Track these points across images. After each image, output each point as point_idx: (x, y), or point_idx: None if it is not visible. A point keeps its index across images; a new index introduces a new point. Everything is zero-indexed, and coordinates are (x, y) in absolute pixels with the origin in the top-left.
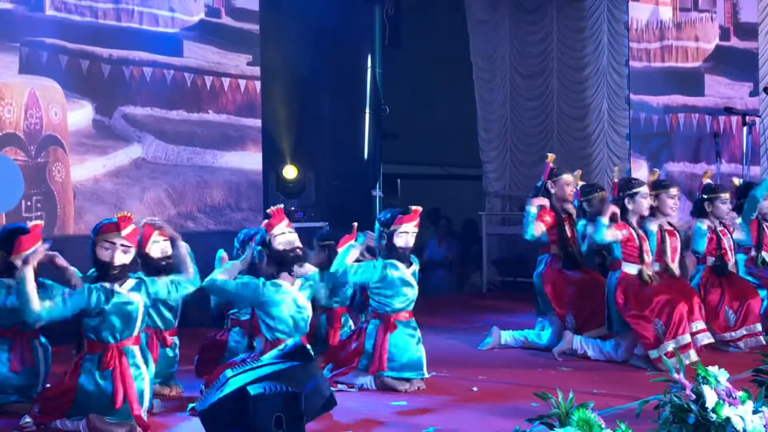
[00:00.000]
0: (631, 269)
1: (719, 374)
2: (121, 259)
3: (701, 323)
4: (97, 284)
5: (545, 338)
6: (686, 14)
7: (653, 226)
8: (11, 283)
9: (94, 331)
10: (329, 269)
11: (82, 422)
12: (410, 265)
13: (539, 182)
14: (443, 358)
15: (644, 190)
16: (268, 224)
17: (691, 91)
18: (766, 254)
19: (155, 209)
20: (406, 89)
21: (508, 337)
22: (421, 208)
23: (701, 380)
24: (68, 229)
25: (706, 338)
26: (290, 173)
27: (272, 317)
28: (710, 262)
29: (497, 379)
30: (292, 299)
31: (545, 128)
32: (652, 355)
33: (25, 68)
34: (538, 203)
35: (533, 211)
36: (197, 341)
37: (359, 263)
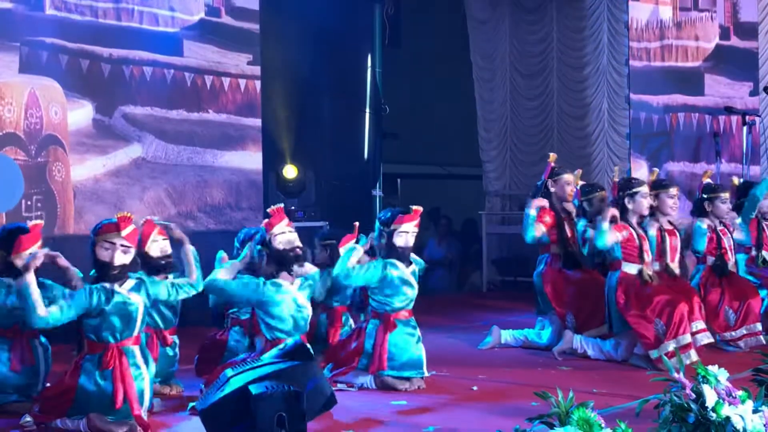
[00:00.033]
0: (631, 269)
1: (719, 373)
2: (121, 259)
3: (701, 323)
4: (97, 284)
5: (545, 337)
6: (686, 14)
7: (652, 230)
8: (11, 282)
9: (94, 331)
10: (330, 268)
11: (82, 421)
12: (410, 264)
13: (540, 181)
14: (443, 357)
15: (644, 189)
16: (268, 223)
17: (691, 90)
18: (766, 253)
19: (155, 209)
20: (406, 89)
21: (508, 336)
22: (421, 208)
23: (701, 379)
24: (68, 228)
25: (705, 338)
26: (290, 173)
27: (272, 316)
28: (710, 261)
29: (497, 378)
30: (292, 299)
31: (545, 128)
32: (652, 355)
33: (25, 68)
34: (536, 205)
35: (532, 213)
36: (197, 340)
37: (360, 265)
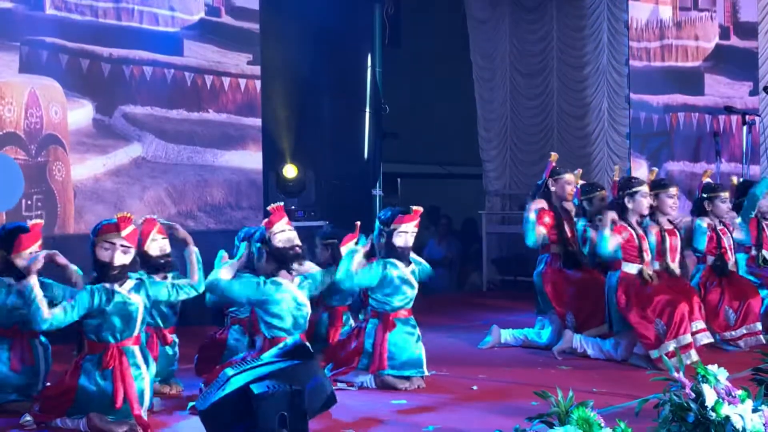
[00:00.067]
0: (631, 269)
1: (719, 373)
2: (121, 259)
3: (701, 323)
4: (97, 285)
5: (545, 337)
6: (686, 13)
7: (652, 232)
8: (11, 282)
9: (94, 331)
10: (331, 267)
11: (82, 421)
12: (409, 263)
13: (540, 180)
14: (443, 356)
15: (644, 189)
16: (268, 222)
17: (691, 90)
18: (766, 252)
19: (155, 208)
20: (406, 88)
21: (507, 335)
22: (421, 208)
23: (701, 379)
24: (68, 228)
25: (705, 338)
26: (290, 172)
27: (272, 315)
28: (710, 261)
29: (497, 377)
30: (291, 297)
31: (545, 127)
32: (653, 355)
33: (25, 67)
34: (535, 208)
35: (532, 217)
36: (197, 339)
37: (362, 269)
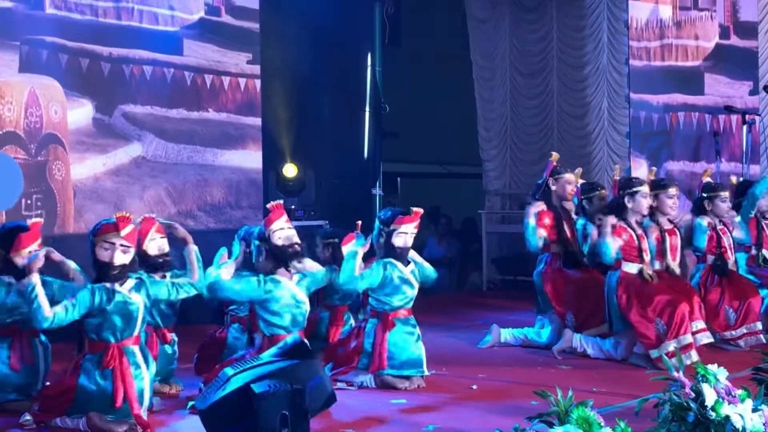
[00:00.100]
0: (631, 268)
1: (718, 372)
2: (121, 259)
3: (701, 323)
4: (98, 284)
5: (545, 336)
6: (686, 13)
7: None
8: (11, 281)
9: (95, 330)
10: (332, 267)
11: (81, 420)
12: (408, 263)
13: (541, 179)
14: (443, 356)
15: (645, 189)
16: (267, 219)
17: (691, 89)
18: (766, 252)
19: (155, 208)
20: (406, 88)
21: (507, 335)
22: (422, 210)
23: (700, 378)
24: (68, 227)
25: (705, 338)
26: (290, 172)
27: (271, 312)
28: (710, 260)
29: (497, 377)
30: (290, 294)
31: (545, 127)
32: (652, 354)
33: (25, 67)
34: (533, 212)
35: (532, 222)
36: (197, 339)
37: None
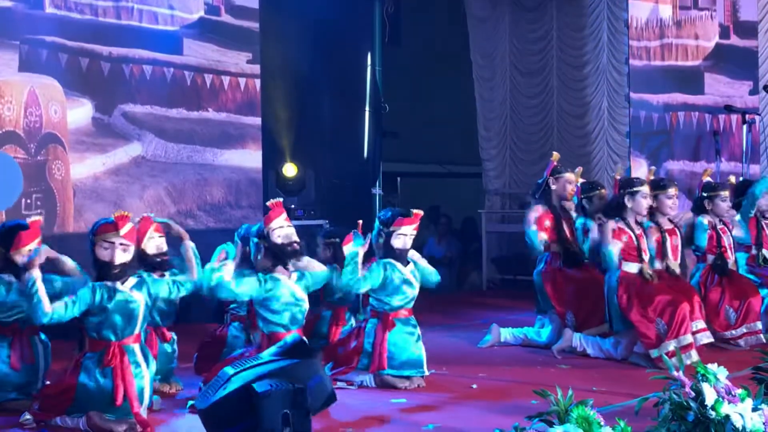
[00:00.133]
0: (631, 268)
1: (719, 372)
2: (121, 257)
3: (701, 322)
4: (99, 282)
5: (545, 336)
6: (686, 12)
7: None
8: (11, 279)
9: (96, 329)
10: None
11: (81, 419)
12: (407, 263)
13: (541, 179)
14: (443, 355)
15: (645, 189)
16: (266, 217)
17: (691, 89)
18: (766, 252)
19: (155, 207)
20: (406, 87)
21: (507, 334)
22: (422, 212)
23: (700, 378)
24: (68, 227)
25: (705, 337)
26: (290, 171)
27: (270, 311)
28: (710, 260)
29: (497, 376)
30: (290, 293)
31: (545, 126)
32: (653, 354)
33: (24, 66)
34: (534, 216)
35: (533, 228)
36: (197, 338)
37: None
